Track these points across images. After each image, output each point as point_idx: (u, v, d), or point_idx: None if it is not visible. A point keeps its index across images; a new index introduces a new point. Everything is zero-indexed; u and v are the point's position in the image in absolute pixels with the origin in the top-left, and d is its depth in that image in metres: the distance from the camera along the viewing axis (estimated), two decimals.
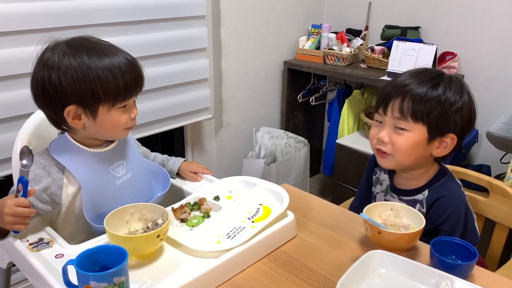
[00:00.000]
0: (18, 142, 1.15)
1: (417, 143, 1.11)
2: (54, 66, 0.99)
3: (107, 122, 1.05)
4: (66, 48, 1.01)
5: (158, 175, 1.23)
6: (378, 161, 1.20)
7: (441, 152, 1.14)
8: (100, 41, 1.06)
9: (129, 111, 1.08)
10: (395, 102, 1.11)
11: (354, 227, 1.13)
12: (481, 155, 2.36)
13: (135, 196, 1.12)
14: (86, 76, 0.98)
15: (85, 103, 1.01)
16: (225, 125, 2.55)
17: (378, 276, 0.92)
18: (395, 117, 1.11)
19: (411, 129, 1.10)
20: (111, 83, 1.00)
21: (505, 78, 2.20)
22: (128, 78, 1.03)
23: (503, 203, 1.28)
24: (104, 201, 1.07)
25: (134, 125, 1.11)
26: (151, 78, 1.96)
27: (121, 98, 1.03)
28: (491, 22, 2.19)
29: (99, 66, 0.99)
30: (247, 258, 0.99)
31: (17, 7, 1.55)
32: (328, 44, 2.58)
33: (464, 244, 0.95)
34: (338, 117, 2.64)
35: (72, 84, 0.99)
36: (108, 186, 1.09)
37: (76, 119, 1.03)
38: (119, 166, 1.12)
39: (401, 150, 1.12)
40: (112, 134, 1.10)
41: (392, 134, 1.12)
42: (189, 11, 2.05)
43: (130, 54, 1.07)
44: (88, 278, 0.77)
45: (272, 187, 1.16)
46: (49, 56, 1.01)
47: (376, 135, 1.15)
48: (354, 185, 2.37)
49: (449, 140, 1.12)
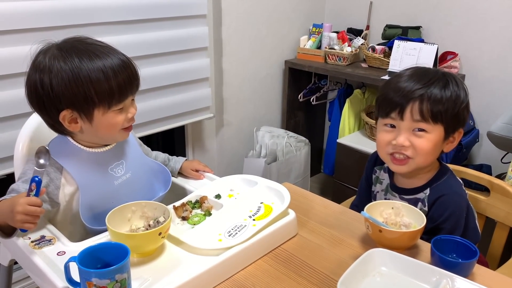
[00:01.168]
0: (20, 141, 1.16)
1: (436, 143, 1.12)
2: (46, 70, 0.97)
3: (104, 124, 1.03)
4: (57, 52, 0.99)
5: (158, 173, 1.21)
6: (394, 168, 1.18)
7: (449, 148, 1.17)
8: (93, 42, 1.04)
9: (126, 111, 1.06)
10: (413, 106, 1.09)
11: (355, 226, 1.13)
12: (481, 155, 2.36)
13: (135, 196, 1.09)
14: (78, 79, 0.96)
15: (80, 107, 0.99)
16: (226, 125, 2.55)
17: (379, 274, 0.92)
18: (415, 120, 1.10)
19: (431, 131, 1.10)
20: (103, 85, 0.98)
21: (506, 78, 2.20)
22: (122, 79, 1.00)
23: (504, 202, 1.29)
24: (101, 202, 1.06)
25: (132, 125, 1.09)
26: (152, 77, 1.99)
27: (116, 100, 1.01)
28: (492, 22, 2.19)
29: (91, 68, 0.97)
30: (248, 256, 0.99)
31: (19, 6, 1.55)
32: (329, 43, 2.58)
33: (464, 243, 0.96)
34: (339, 116, 2.64)
35: (64, 89, 0.97)
36: (106, 187, 1.08)
37: (72, 123, 1.02)
38: (118, 166, 1.11)
39: (423, 152, 1.11)
40: (111, 137, 1.08)
41: (412, 138, 1.11)
42: (190, 10, 2.05)
43: (123, 54, 1.04)
44: (90, 275, 0.77)
45: (273, 185, 1.17)
46: (41, 59, 0.99)
47: (390, 141, 1.14)
48: (354, 184, 2.37)
49: (457, 134, 1.16)
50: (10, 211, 0.90)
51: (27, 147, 1.15)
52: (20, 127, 1.18)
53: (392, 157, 1.15)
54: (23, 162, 1.14)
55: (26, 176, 1.02)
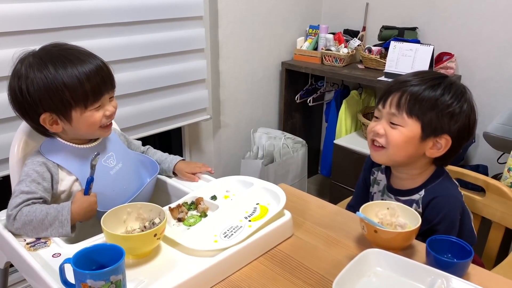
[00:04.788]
0: (15, 142, 1.16)
1: (410, 139, 1.12)
2: (23, 78, 1.04)
3: (83, 123, 1.08)
4: (32, 59, 1.05)
5: (146, 163, 1.28)
6: (371, 154, 1.21)
7: (434, 153, 1.14)
8: (69, 47, 1.10)
9: (104, 108, 1.10)
10: (394, 97, 1.13)
11: (351, 226, 1.13)
12: (478, 155, 2.37)
13: (129, 184, 1.19)
14: (53, 85, 1.03)
15: (57, 110, 1.06)
16: (223, 126, 2.55)
17: (374, 275, 0.92)
18: (391, 113, 1.13)
19: (405, 125, 1.12)
20: (78, 89, 1.04)
21: (502, 78, 2.21)
22: (95, 82, 1.06)
23: (500, 203, 1.29)
24: (103, 191, 1.12)
25: (110, 122, 1.14)
26: (149, 79, 1.99)
27: (91, 101, 1.07)
28: (488, 23, 2.20)
29: (64, 75, 1.03)
30: (244, 257, 0.99)
31: (20, 8, 1.56)
32: (326, 45, 2.59)
33: (459, 243, 0.96)
34: (335, 117, 2.64)
35: (41, 94, 1.03)
36: (103, 177, 1.14)
37: (54, 124, 1.08)
38: (110, 158, 1.18)
39: (393, 144, 1.13)
40: (91, 134, 1.14)
41: (387, 128, 1.14)
42: (187, 12, 2.05)
43: (98, 58, 1.10)
44: (85, 276, 0.77)
45: (269, 186, 1.17)
46: (18, 67, 1.06)
47: (373, 128, 1.18)
48: (351, 185, 2.37)
49: (444, 141, 1.12)
50: (90, 210, 1.06)
51: (22, 150, 1.16)
52: (15, 130, 1.18)
53: (371, 143, 1.19)
54: (19, 164, 1.15)
55: (31, 177, 1.06)
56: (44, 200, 1.06)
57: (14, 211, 1.01)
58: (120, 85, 1.19)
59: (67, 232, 1.02)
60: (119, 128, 1.37)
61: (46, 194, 1.07)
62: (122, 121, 1.77)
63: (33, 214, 1.00)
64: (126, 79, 1.90)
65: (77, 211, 1.04)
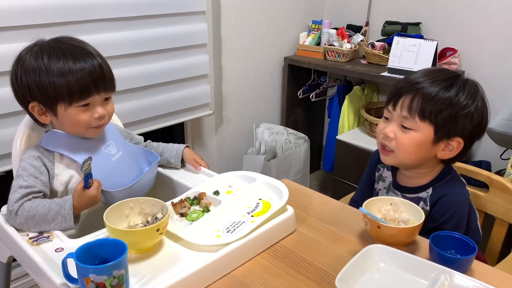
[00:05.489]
0: (18, 137, 1.16)
1: (421, 143, 1.10)
2: (19, 65, 1.06)
3: (67, 119, 1.08)
4: (36, 48, 1.06)
5: (145, 154, 1.28)
6: (381, 157, 1.19)
7: (445, 155, 1.13)
8: (72, 42, 1.09)
9: (92, 110, 1.08)
10: (405, 99, 1.10)
11: (354, 222, 1.13)
12: (481, 151, 2.36)
13: (132, 171, 1.19)
14: (41, 76, 1.03)
15: (43, 100, 1.06)
16: (225, 121, 2.55)
17: (377, 270, 0.92)
18: (402, 116, 1.10)
19: (417, 129, 1.09)
20: (63, 85, 1.03)
21: (506, 74, 2.20)
22: (84, 80, 1.04)
23: (503, 199, 1.29)
24: (107, 177, 1.12)
25: (101, 125, 1.12)
26: (151, 74, 1.99)
27: (76, 98, 1.05)
28: (491, 18, 2.19)
29: (55, 68, 1.03)
30: (247, 252, 0.99)
31: (25, 2, 1.56)
32: (329, 40, 2.57)
33: (463, 239, 0.95)
34: (338, 113, 2.64)
35: (30, 83, 1.05)
36: (106, 163, 1.15)
37: (42, 115, 1.09)
38: (110, 146, 1.18)
39: (403, 149, 1.11)
40: (78, 133, 1.12)
41: (398, 131, 1.12)
42: (189, 6, 2.05)
43: (98, 58, 1.08)
44: (88, 271, 0.77)
45: (272, 181, 1.17)
46: (23, 53, 1.07)
47: (383, 130, 1.15)
48: (354, 181, 2.37)
49: (456, 143, 1.11)
50: (90, 204, 1.06)
51: (25, 143, 1.16)
52: (17, 125, 1.18)
53: (382, 146, 1.17)
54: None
55: (28, 171, 1.07)
56: (44, 194, 1.07)
57: (15, 206, 1.01)
58: (122, 80, 1.19)
59: (71, 226, 1.03)
60: (122, 124, 1.37)
61: (45, 187, 1.07)
62: (125, 116, 1.77)
63: (36, 209, 1.01)
64: (129, 74, 1.89)
65: (77, 206, 1.04)
